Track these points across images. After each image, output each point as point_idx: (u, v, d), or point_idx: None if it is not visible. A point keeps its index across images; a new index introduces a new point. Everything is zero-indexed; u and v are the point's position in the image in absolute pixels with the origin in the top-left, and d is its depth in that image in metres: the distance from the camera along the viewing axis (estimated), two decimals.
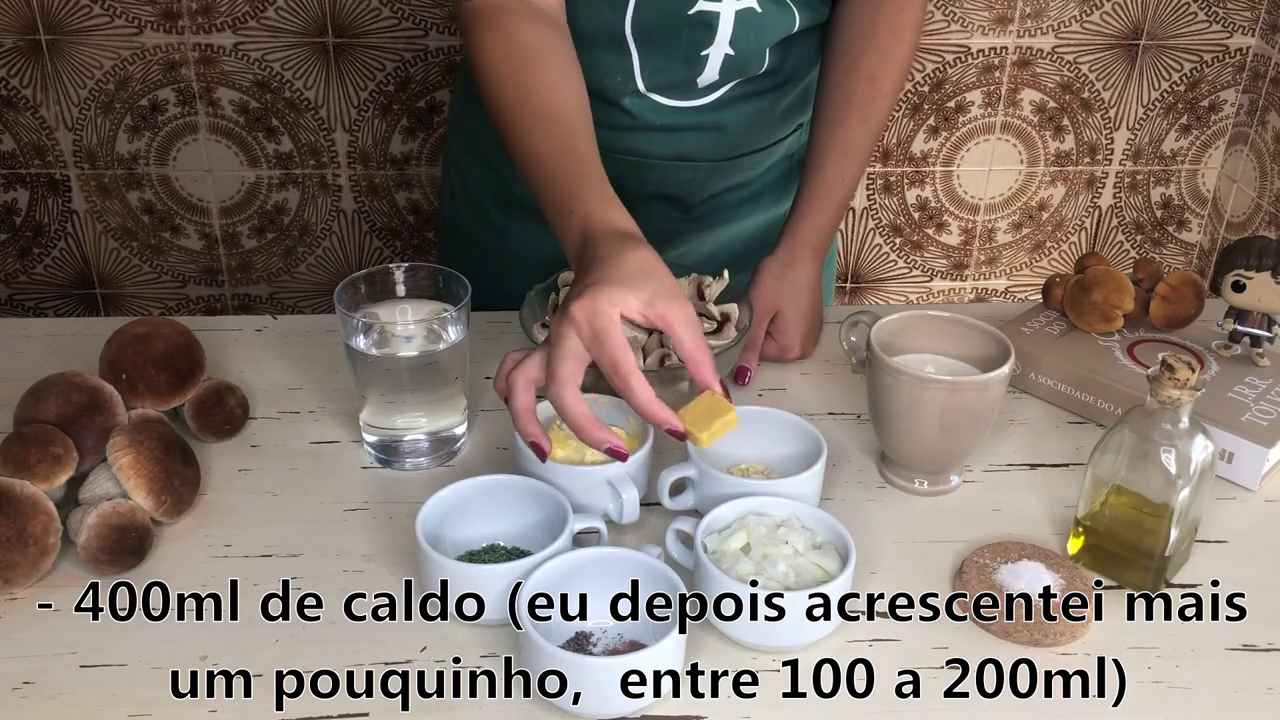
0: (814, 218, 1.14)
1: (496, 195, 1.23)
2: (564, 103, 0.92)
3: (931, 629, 0.81)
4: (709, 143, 1.14)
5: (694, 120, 1.12)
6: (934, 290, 2.31)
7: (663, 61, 1.07)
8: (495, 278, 1.19)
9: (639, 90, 1.09)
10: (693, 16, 1.04)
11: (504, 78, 0.93)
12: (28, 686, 0.74)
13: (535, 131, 0.91)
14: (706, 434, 0.78)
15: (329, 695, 0.74)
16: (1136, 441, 0.82)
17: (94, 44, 1.91)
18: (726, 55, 1.07)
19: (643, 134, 1.13)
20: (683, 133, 1.13)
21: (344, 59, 1.96)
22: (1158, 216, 2.26)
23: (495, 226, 1.24)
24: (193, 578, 0.84)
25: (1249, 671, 0.78)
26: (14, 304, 2.15)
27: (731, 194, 1.23)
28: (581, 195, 0.86)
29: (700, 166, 1.16)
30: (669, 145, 1.14)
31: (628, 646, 0.76)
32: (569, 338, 0.78)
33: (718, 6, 1.04)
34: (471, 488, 0.84)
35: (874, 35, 1.12)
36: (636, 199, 1.17)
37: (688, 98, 1.10)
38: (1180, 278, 1.08)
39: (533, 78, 0.93)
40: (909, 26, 1.12)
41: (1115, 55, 2.08)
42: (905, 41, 1.13)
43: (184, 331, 0.96)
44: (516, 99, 0.92)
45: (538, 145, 0.90)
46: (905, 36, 1.12)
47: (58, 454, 0.83)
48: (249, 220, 2.09)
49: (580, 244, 0.84)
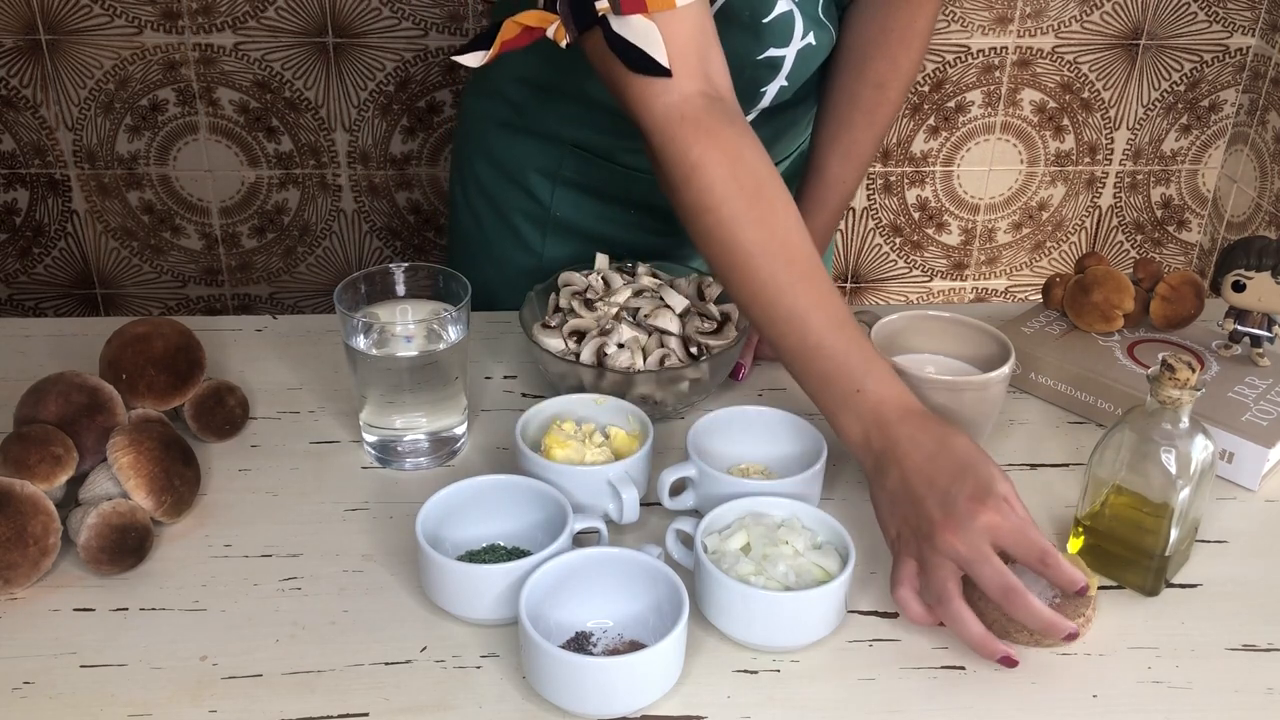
0: (813, 219, 1.14)
1: (533, 217, 1.21)
2: (812, 254, 0.87)
3: (931, 629, 0.81)
4: None
5: None
6: (934, 290, 2.31)
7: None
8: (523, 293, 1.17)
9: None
10: (760, 61, 1.03)
11: (741, 215, 0.86)
12: (28, 686, 0.74)
13: (796, 286, 0.85)
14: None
15: (329, 695, 0.74)
16: (1136, 441, 0.82)
17: (94, 44, 1.91)
18: (780, 88, 1.07)
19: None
20: None
21: (344, 59, 1.96)
22: (1158, 216, 2.26)
23: (533, 248, 1.22)
24: (193, 578, 0.84)
25: (1249, 671, 0.78)
26: (14, 304, 2.15)
27: None
28: (864, 372, 0.83)
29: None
30: None
31: (628, 646, 0.76)
32: (945, 565, 0.77)
33: (784, 51, 1.03)
34: (471, 488, 0.84)
35: (884, 42, 1.11)
36: (628, 207, 1.17)
37: None
38: (1180, 278, 1.08)
39: (778, 220, 0.87)
40: (919, 35, 1.12)
41: (1115, 55, 2.08)
42: (915, 50, 1.12)
43: (184, 331, 0.96)
44: (763, 245, 0.86)
45: (797, 303, 0.85)
46: (915, 45, 1.12)
47: (58, 454, 0.83)
48: (249, 220, 2.09)
49: (875, 421, 0.82)
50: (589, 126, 1.13)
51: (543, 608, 0.75)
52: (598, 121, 1.12)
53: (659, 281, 1.08)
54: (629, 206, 1.18)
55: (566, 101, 1.13)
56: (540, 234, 1.21)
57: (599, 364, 0.98)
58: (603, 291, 1.07)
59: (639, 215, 1.19)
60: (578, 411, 0.95)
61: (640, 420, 0.92)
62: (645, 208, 1.18)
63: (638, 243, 1.19)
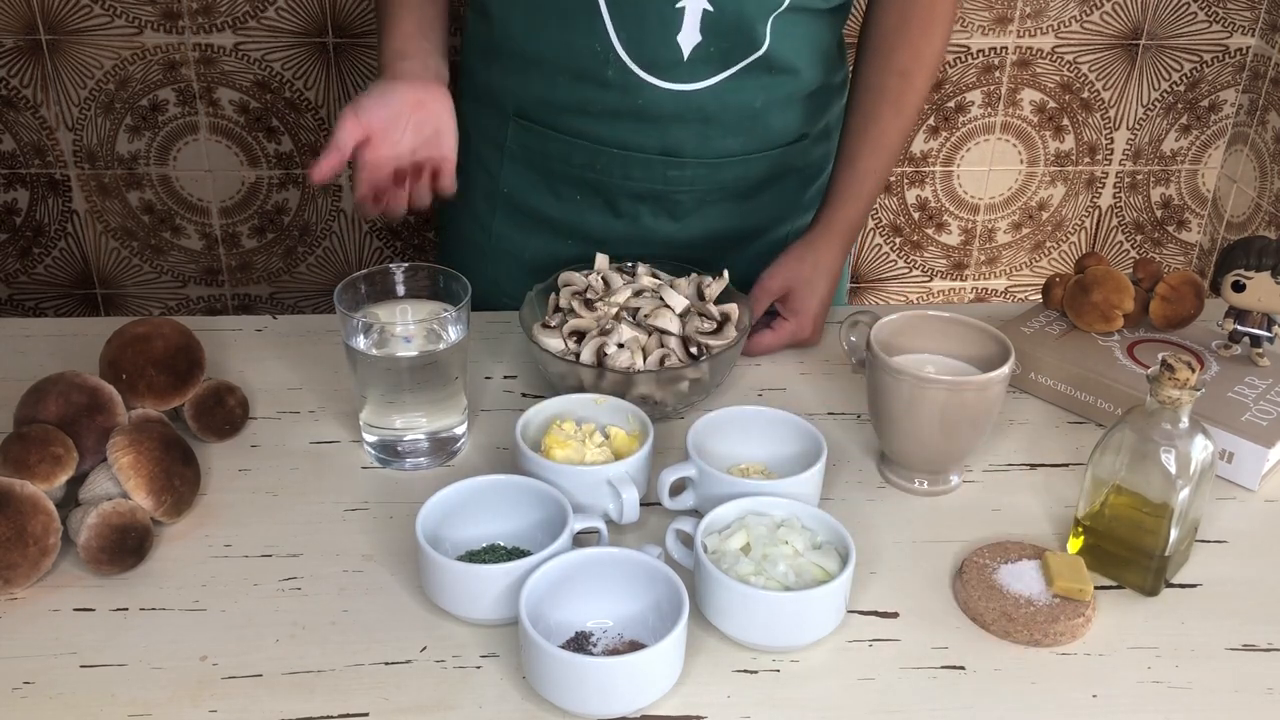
0: (846, 208, 1.15)
1: (486, 192, 1.22)
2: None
3: (931, 629, 0.81)
4: (696, 137, 1.12)
5: (680, 107, 1.09)
6: (934, 290, 2.31)
7: (636, 17, 1.04)
8: (485, 275, 1.18)
9: (621, 60, 1.06)
10: None
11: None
12: (28, 686, 0.74)
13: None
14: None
15: (329, 695, 0.74)
16: (1136, 441, 0.82)
17: (94, 44, 1.91)
18: (705, 11, 1.04)
19: (627, 122, 1.10)
20: (668, 123, 1.10)
21: (344, 59, 1.96)
22: (1158, 216, 2.26)
23: (482, 223, 1.24)
24: (193, 578, 0.84)
25: (1249, 671, 0.78)
26: (14, 304, 2.15)
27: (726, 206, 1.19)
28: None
29: (687, 164, 1.13)
30: (655, 136, 1.11)
31: (628, 646, 0.76)
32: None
33: None
34: (471, 488, 0.84)
35: (906, 30, 1.12)
36: (623, 198, 1.17)
37: (675, 79, 1.07)
38: (1180, 278, 1.08)
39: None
40: (940, 21, 1.13)
41: (1115, 55, 2.08)
42: (938, 36, 1.13)
43: (184, 331, 0.96)
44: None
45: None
46: (938, 31, 1.13)
47: (58, 454, 0.83)
48: (249, 220, 2.09)
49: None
50: (529, 90, 1.13)
51: (543, 608, 0.75)
52: (534, 85, 1.12)
53: (659, 281, 1.08)
54: (573, 185, 1.17)
55: (505, 64, 1.13)
56: (490, 210, 1.22)
57: (599, 364, 0.98)
58: (602, 291, 1.06)
59: (585, 196, 1.17)
60: (578, 411, 0.95)
61: (640, 420, 0.92)
62: (589, 186, 1.16)
63: (579, 224, 1.18)
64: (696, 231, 1.19)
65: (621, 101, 1.09)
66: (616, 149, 1.12)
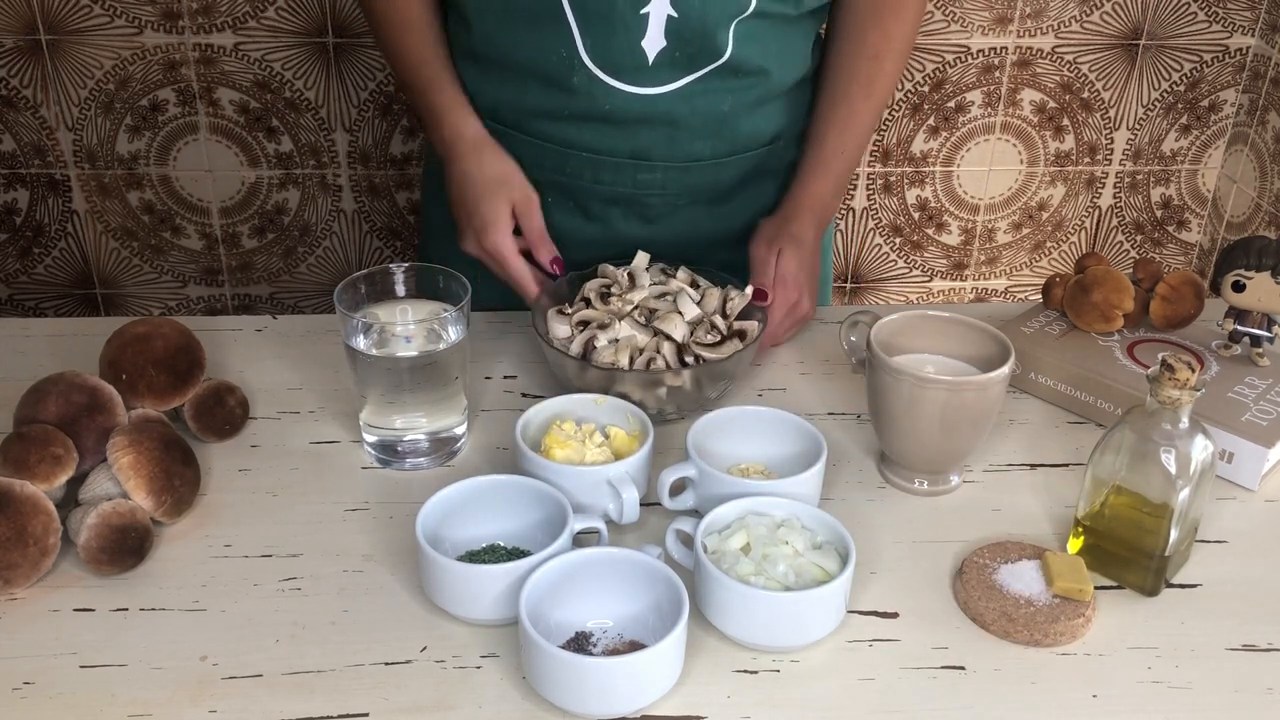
0: (813, 184, 1.15)
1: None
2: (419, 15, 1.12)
3: (931, 629, 0.81)
4: (664, 140, 1.11)
5: (647, 110, 1.08)
6: (934, 290, 2.31)
7: (602, 23, 1.03)
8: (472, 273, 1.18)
9: (586, 66, 1.05)
10: None
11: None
12: (28, 686, 0.74)
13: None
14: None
15: (329, 695, 0.74)
16: (1136, 441, 0.82)
17: (94, 44, 1.91)
18: (669, 17, 1.03)
19: (596, 126, 1.10)
20: (636, 127, 1.09)
21: (344, 59, 1.96)
22: (1158, 216, 2.26)
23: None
24: (193, 578, 0.84)
25: (1249, 671, 0.78)
26: (14, 304, 2.15)
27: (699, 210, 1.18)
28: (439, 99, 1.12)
29: (656, 167, 1.12)
30: (623, 140, 1.10)
31: (628, 646, 0.76)
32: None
33: None
34: (471, 488, 0.84)
35: (877, 14, 1.12)
36: (594, 201, 1.16)
37: (640, 83, 1.06)
38: (1180, 278, 1.08)
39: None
40: (910, 6, 1.13)
41: (1115, 55, 2.08)
42: (908, 20, 1.13)
43: (184, 331, 0.96)
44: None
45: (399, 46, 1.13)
46: (907, 16, 1.13)
47: (58, 454, 0.83)
48: (249, 220, 2.09)
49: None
50: (502, 94, 1.12)
51: (542, 608, 0.75)
52: (506, 89, 1.11)
53: (682, 287, 1.06)
54: (545, 188, 1.14)
55: (481, 68, 1.12)
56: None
57: (584, 356, 0.98)
58: (627, 287, 1.06)
59: (557, 199, 1.16)
60: (578, 411, 0.95)
61: (640, 420, 0.92)
62: (560, 190, 1.15)
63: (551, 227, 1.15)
64: (669, 235, 1.18)
65: (589, 106, 1.08)
66: (586, 153, 1.12)
